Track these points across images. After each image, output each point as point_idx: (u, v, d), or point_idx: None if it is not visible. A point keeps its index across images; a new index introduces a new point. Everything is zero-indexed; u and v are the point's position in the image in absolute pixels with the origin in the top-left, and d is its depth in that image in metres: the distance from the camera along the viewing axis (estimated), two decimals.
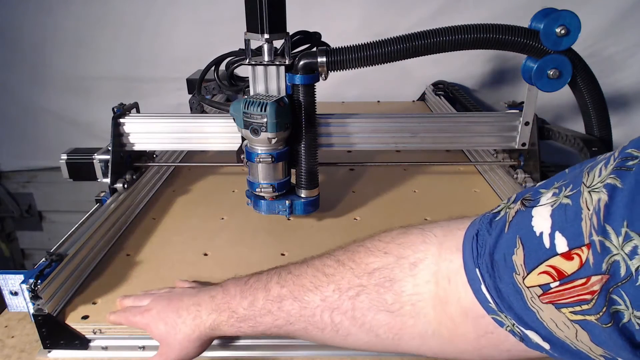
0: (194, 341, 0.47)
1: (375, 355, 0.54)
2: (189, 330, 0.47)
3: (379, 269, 0.38)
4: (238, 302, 0.45)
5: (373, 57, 0.62)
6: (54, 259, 0.55)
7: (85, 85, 1.44)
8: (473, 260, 0.32)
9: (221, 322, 0.46)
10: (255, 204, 0.69)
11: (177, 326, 0.47)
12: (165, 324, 0.48)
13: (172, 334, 0.48)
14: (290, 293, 0.42)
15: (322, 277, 0.41)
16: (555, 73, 0.65)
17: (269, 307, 0.43)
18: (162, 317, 0.49)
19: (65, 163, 0.76)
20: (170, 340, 0.48)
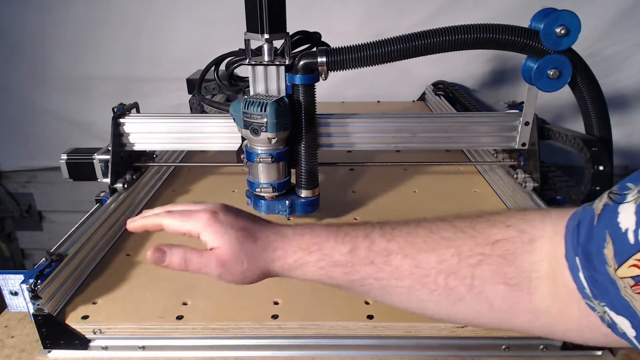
0: (263, 270, 0.44)
1: (383, 356, 0.54)
2: (267, 258, 0.43)
3: (502, 240, 0.38)
4: (333, 246, 0.43)
5: (373, 57, 0.62)
6: (54, 259, 0.55)
7: (85, 85, 1.44)
8: (573, 249, 0.34)
9: (307, 263, 0.43)
10: (255, 204, 0.69)
11: (249, 247, 0.43)
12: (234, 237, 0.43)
13: (239, 252, 0.43)
14: (401, 249, 0.41)
15: (439, 240, 0.40)
16: (555, 73, 0.65)
17: (373, 258, 0.41)
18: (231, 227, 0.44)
19: (65, 163, 0.76)
20: (232, 255, 0.43)
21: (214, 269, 0.43)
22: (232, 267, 0.44)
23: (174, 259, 0.43)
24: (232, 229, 0.44)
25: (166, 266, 0.44)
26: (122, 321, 0.54)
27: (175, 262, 0.43)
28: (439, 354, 0.54)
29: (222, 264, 0.43)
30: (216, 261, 0.43)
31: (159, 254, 0.43)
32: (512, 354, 0.54)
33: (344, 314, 0.54)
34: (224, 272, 0.44)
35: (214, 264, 0.43)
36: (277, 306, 0.56)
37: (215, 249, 0.43)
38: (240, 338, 0.54)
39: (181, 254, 0.43)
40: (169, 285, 0.60)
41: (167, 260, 0.43)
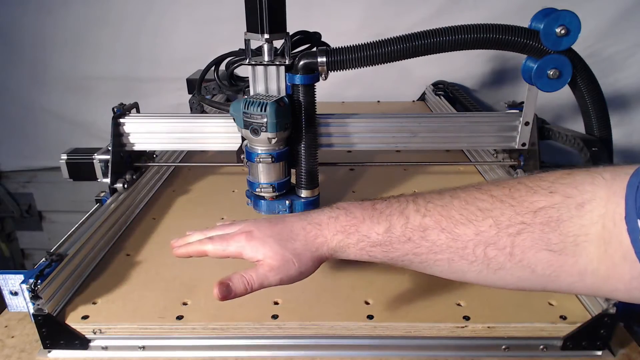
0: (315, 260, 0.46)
1: (383, 356, 0.54)
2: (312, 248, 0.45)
3: (545, 208, 0.37)
4: (369, 226, 0.44)
5: (373, 57, 0.62)
6: (54, 259, 0.55)
7: (85, 85, 1.44)
8: (636, 210, 0.33)
9: (348, 245, 0.44)
10: (255, 204, 0.69)
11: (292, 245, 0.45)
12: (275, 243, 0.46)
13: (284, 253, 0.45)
14: (437, 223, 0.41)
15: (475, 211, 0.40)
16: (555, 73, 0.65)
17: (410, 234, 0.42)
18: (268, 237, 0.46)
19: (65, 163, 0.76)
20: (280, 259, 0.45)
21: (273, 277, 0.45)
22: (287, 270, 0.45)
23: (237, 287, 0.45)
24: (269, 237, 0.46)
25: (234, 296, 0.45)
26: (122, 321, 0.54)
27: (241, 288, 0.45)
28: (439, 354, 0.54)
29: (277, 271, 0.45)
30: (270, 270, 0.45)
31: (224, 288, 0.45)
32: (512, 354, 0.54)
33: (344, 314, 0.54)
34: (284, 278, 0.46)
35: (270, 273, 0.45)
36: (277, 306, 0.56)
37: (262, 260, 0.45)
38: (240, 338, 0.54)
39: (241, 279, 0.45)
40: (169, 285, 0.60)
41: (233, 291, 0.45)
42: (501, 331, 0.53)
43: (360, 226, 0.44)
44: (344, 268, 0.63)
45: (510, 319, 0.53)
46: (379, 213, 0.44)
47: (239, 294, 0.45)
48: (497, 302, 0.56)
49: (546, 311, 0.54)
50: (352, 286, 0.59)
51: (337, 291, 0.58)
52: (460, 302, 0.56)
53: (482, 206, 0.40)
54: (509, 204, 0.39)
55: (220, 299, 0.44)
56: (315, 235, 0.45)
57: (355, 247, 0.44)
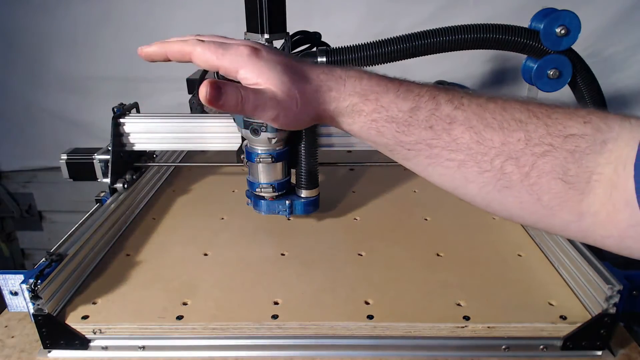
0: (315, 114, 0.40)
1: (383, 356, 0.54)
2: (320, 99, 0.39)
3: (575, 135, 0.35)
4: (392, 100, 0.39)
5: (373, 57, 0.62)
6: (54, 259, 0.55)
7: (85, 85, 1.44)
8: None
9: (361, 111, 0.39)
10: (255, 204, 0.69)
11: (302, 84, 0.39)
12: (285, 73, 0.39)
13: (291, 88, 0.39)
14: (466, 120, 0.37)
15: (509, 120, 0.37)
16: (555, 73, 0.65)
17: (433, 122, 0.38)
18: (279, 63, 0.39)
19: (65, 163, 0.76)
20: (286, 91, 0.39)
21: (271, 107, 0.39)
22: (287, 107, 0.39)
23: (229, 97, 0.38)
24: (278, 64, 0.39)
25: (221, 105, 0.38)
26: (122, 321, 0.54)
27: (232, 100, 0.38)
28: (439, 354, 0.54)
29: (277, 102, 0.39)
30: (272, 98, 0.39)
31: (215, 90, 0.37)
32: (512, 354, 0.54)
33: (344, 314, 0.54)
34: (280, 114, 0.39)
35: (271, 101, 0.39)
36: (277, 306, 0.56)
37: (264, 85, 0.39)
38: (240, 338, 0.54)
39: (237, 91, 0.38)
40: (169, 285, 0.60)
41: (223, 98, 0.38)
42: (501, 331, 0.53)
43: (382, 96, 0.39)
44: (344, 268, 0.63)
45: (510, 319, 0.53)
46: (407, 89, 0.40)
47: (228, 105, 0.38)
48: (497, 302, 0.56)
49: (546, 311, 0.54)
50: (352, 286, 0.59)
51: (337, 291, 0.58)
52: (460, 302, 0.56)
53: (517, 117, 0.37)
54: (543, 122, 0.36)
55: (208, 100, 0.37)
56: (329, 86, 0.40)
57: (367, 116, 0.39)
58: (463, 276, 0.61)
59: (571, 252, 0.59)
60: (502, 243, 0.69)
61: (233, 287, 0.60)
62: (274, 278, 0.61)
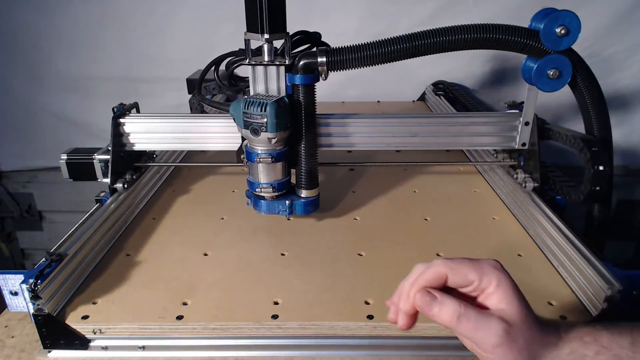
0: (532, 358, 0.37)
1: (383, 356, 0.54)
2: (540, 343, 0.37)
3: None
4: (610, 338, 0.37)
5: (373, 57, 0.62)
6: (54, 259, 0.55)
7: (85, 85, 1.44)
8: None
9: (584, 356, 0.36)
10: (255, 204, 0.69)
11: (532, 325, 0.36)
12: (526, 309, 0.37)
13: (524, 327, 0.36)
14: None
15: None
16: (555, 73, 0.65)
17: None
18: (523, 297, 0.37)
19: (65, 163, 0.76)
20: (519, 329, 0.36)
21: (494, 335, 0.35)
22: (514, 340, 0.35)
23: (445, 310, 0.36)
24: (520, 292, 0.37)
25: (432, 316, 0.36)
26: (122, 321, 0.54)
27: (447, 316, 0.36)
28: (439, 354, 0.54)
29: (507, 331, 0.35)
30: (500, 325, 0.35)
31: (429, 298, 0.36)
32: None
33: (344, 314, 0.54)
34: (504, 344, 0.35)
35: (497, 327, 0.35)
36: (277, 306, 0.56)
37: (499, 310, 0.36)
38: (240, 338, 0.54)
39: (457, 307, 0.36)
40: (169, 285, 0.60)
41: (437, 308, 0.36)
42: None
43: (598, 336, 0.37)
44: (344, 268, 0.63)
45: None
46: (613, 327, 0.38)
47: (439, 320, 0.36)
48: None
49: (546, 311, 0.54)
50: (352, 286, 0.59)
51: (337, 291, 0.58)
52: None
53: None
54: None
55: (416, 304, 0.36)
56: (549, 331, 0.37)
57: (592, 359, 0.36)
58: None
59: (571, 253, 0.59)
60: (502, 243, 0.69)
61: (233, 287, 0.60)
62: (274, 278, 0.61)
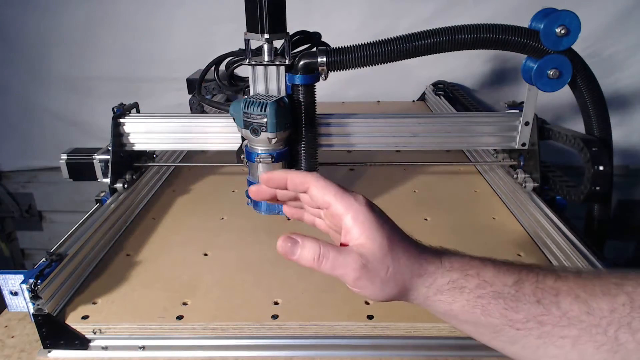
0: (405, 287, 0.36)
1: (383, 356, 0.54)
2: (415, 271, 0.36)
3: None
4: (494, 274, 0.36)
5: (373, 57, 0.62)
6: (54, 259, 0.55)
7: (85, 85, 1.44)
8: None
9: (463, 288, 0.36)
10: (255, 204, 0.69)
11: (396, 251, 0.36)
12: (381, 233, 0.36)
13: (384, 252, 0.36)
14: (571, 290, 0.34)
15: (608, 284, 0.34)
16: (555, 73, 0.65)
17: (540, 296, 0.34)
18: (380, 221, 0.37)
19: (65, 163, 0.76)
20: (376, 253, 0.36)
21: (353, 270, 0.36)
22: (375, 272, 0.36)
23: (306, 252, 0.37)
24: (386, 225, 0.37)
25: (296, 260, 0.37)
26: (122, 321, 0.54)
27: (308, 257, 0.37)
28: (439, 354, 0.54)
29: (364, 265, 0.36)
30: (357, 260, 0.36)
31: (290, 243, 0.37)
32: None
33: (344, 314, 0.54)
34: (363, 277, 0.36)
35: (355, 263, 0.36)
36: (277, 306, 0.56)
37: (359, 245, 0.36)
38: (240, 338, 0.54)
39: (316, 248, 0.37)
40: (169, 285, 0.60)
41: (299, 253, 0.37)
42: None
43: (482, 270, 0.36)
44: None
45: None
46: (502, 263, 0.37)
47: (301, 263, 0.37)
48: None
49: None
50: None
51: (337, 291, 0.58)
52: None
53: (614, 280, 0.34)
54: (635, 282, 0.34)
55: (280, 252, 0.37)
56: (427, 258, 0.37)
57: (470, 293, 0.35)
58: None
59: (571, 252, 0.59)
60: (503, 243, 0.69)
61: (233, 287, 0.60)
62: (274, 278, 0.61)
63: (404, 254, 0.36)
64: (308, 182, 0.40)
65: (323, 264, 0.36)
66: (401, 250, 0.37)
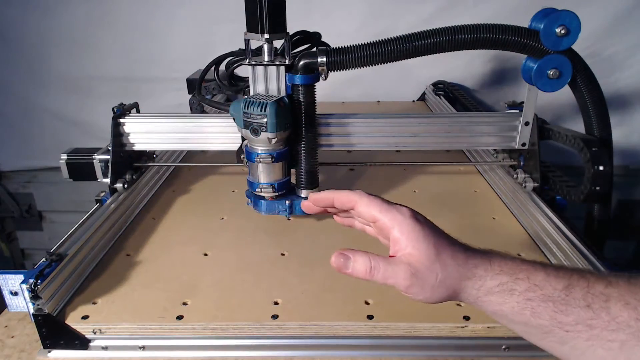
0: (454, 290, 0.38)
1: (383, 356, 0.54)
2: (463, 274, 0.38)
3: None
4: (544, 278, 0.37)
5: (373, 57, 0.62)
6: (54, 259, 0.55)
7: (85, 85, 1.44)
8: None
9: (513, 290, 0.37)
10: (255, 204, 0.69)
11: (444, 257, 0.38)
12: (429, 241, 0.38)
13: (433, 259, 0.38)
14: (621, 297, 0.35)
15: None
16: (555, 73, 0.65)
17: (590, 301, 0.35)
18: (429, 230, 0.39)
19: (65, 163, 0.76)
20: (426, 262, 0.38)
21: (403, 279, 0.38)
22: (424, 279, 0.38)
23: (358, 266, 0.39)
24: (432, 234, 0.39)
25: (349, 273, 0.39)
26: (122, 321, 0.54)
27: (360, 270, 0.39)
28: (439, 354, 0.54)
29: (414, 274, 0.38)
30: (407, 270, 0.38)
31: (342, 259, 0.39)
32: (512, 354, 0.54)
33: (344, 314, 0.54)
34: (414, 285, 0.38)
35: (404, 272, 0.38)
36: (277, 306, 0.56)
37: (407, 254, 0.39)
38: (240, 338, 0.54)
39: (367, 262, 0.39)
40: (169, 285, 0.60)
41: (351, 267, 0.39)
42: (501, 331, 0.53)
43: (532, 274, 0.37)
44: None
45: None
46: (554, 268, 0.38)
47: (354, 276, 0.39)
48: None
49: None
50: (352, 286, 0.59)
51: (337, 291, 0.58)
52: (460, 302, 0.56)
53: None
54: None
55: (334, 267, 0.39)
56: (475, 263, 0.38)
57: (521, 295, 0.37)
58: None
59: (571, 252, 0.59)
60: (503, 243, 0.69)
61: (233, 287, 0.60)
62: (274, 278, 0.61)
63: (451, 260, 0.38)
64: (354, 201, 0.43)
65: (375, 275, 0.39)
66: (449, 257, 0.38)
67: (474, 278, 0.38)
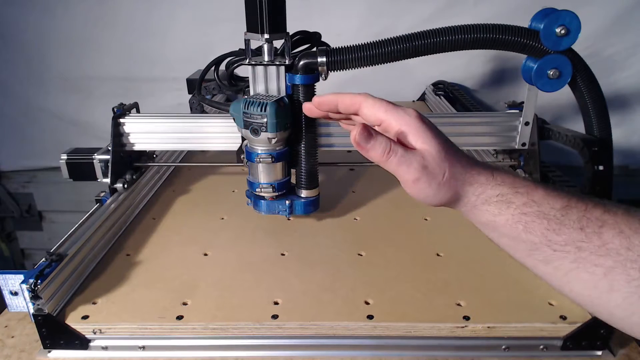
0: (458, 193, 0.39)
1: (383, 356, 0.54)
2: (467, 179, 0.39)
3: None
4: (543, 195, 0.38)
5: (373, 57, 0.62)
6: (54, 259, 0.55)
7: (85, 85, 1.44)
8: None
9: (510, 202, 0.38)
10: (255, 204, 0.69)
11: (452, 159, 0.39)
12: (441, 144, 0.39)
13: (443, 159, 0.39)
14: (616, 224, 0.35)
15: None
16: (555, 73, 0.65)
17: (584, 224, 0.36)
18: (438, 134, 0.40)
19: (65, 163, 0.76)
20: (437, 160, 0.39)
21: (415, 169, 0.39)
22: (433, 175, 0.39)
23: (378, 145, 0.39)
24: (440, 134, 0.40)
25: (366, 150, 0.39)
26: (122, 321, 0.54)
27: (378, 150, 0.39)
28: (439, 354, 0.54)
29: (425, 167, 0.39)
30: (420, 161, 0.39)
31: (366, 133, 0.39)
32: (512, 354, 0.54)
33: (344, 314, 0.54)
34: (421, 179, 0.39)
35: (418, 163, 0.39)
36: (277, 306, 0.56)
37: (418, 149, 0.39)
38: (240, 338, 0.54)
39: (387, 143, 0.39)
40: (169, 285, 0.60)
41: (372, 143, 0.39)
42: (501, 331, 0.53)
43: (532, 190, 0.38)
44: (344, 268, 0.63)
45: (510, 319, 0.53)
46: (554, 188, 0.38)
47: (374, 151, 0.39)
48: (497, 302, 0.56)
49: (546, 311, 0.54)
50: (352, 286, 0.59)
51: (337, 291, 0.58)
52: (460, 302, 0.56)
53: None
54: None
55: (356, 142, 0.39)
56: (479, 170, 0.39)
57: (518, 209, 0.37)
58: (463, 276, 0.61)
59: None
60: None
61: (233, 287, 0.60)
62: (274, 278, 0.61)
63: (459, 162, 0.39)
64: (358, 102, 0.42)
65: (390, 159, 0.39)
66: (456, 159, 0.39)
67: (475, 184, 0.39)
